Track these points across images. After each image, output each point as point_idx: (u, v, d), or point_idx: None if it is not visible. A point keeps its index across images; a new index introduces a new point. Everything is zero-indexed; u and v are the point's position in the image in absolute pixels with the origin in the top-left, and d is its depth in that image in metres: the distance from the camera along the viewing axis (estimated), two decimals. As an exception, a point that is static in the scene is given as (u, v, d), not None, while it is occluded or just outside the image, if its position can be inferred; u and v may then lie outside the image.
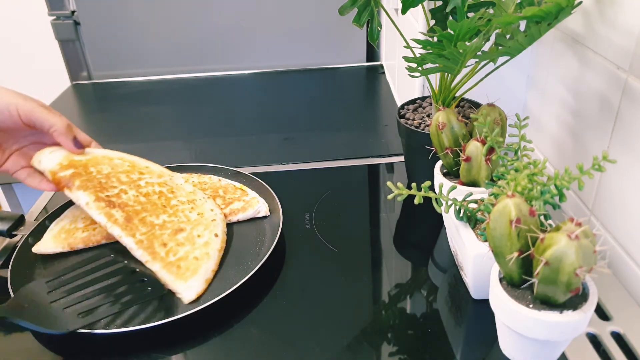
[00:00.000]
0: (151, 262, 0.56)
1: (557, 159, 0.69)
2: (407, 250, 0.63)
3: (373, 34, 0.66)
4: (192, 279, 0.55)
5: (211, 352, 0.50)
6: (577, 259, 0.36)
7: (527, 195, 0.44)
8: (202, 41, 1.25)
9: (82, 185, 0.60)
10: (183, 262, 0.56)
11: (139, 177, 0.64)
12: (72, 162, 0.62)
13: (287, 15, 1.23)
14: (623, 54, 0.52)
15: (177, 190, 0.65)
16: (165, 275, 0.55)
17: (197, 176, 0.74)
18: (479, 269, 0.50)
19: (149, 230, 0.58)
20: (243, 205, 0.67)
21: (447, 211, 0.51)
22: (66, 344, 0.51)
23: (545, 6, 0.47)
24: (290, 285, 0.58)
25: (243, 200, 0.68)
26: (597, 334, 0.49)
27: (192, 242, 0.59)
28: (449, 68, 0.57)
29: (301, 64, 1.29)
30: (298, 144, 0.91)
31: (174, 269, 0.55)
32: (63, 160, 0.62)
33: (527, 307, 0.41)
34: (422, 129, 0.68)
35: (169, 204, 0.62)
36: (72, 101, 1.19)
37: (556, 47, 0.67)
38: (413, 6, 0.61)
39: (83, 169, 0.62)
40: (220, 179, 0.74)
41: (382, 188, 0.78)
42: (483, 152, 0.53)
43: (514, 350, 0.45)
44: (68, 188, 0.60)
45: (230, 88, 1.21)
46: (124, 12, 1.21)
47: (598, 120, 0.58)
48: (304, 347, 0.50)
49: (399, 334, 0.51)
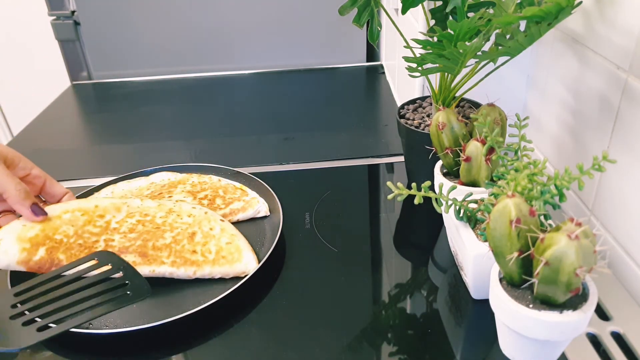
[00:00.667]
0: (200, 270, 0.57)
1: (557, 159, 0.69)
2: (407, 250, 0.63)
3: (373, 34, 0.66)
4: (243, 256, 0.58)
5: (211, 352, 0.50)
6: (577, 259, 0.36)
7: (527, 195, 0.44)
8: (202, 41, 1.25)
9: (68, 257, 0.56)
10: (222, 252, 0.58)
11: (105, 222, 0.60)
12: (32, 239, 0.56)
13: (287, 15, 1.23)
14: (623, 54, 0.52)
15: (146, 210, 0.63)
16: (220, 270, 0.57)
17: (197, 176, 0.74)
18: (479, 269, 0.50)
19: (170, 251, 0.58)
20: (243, 205, 0.67)
21: (447, 211, 0.51)
22: (66, 344, 0.51)
23: (545, 6, 0.47)
24: (290, 285, 0.58)
25: (243, 200, 0.68)
26: (597, 334, 0.49)
27: (212, 236, 0.60)
28: (449, 68, 0.57)
29: (301, 64, 1.29)
30: (298, 144, 0.91)
31: (222, 261, 0.57)
32: (20, 242, 0.55)
33: (527, 307, 0.41)
34: (422, 129, 0.68)
35: (157, 224, 0.61)
36: (72, 101, 1.19)
37: (556, 47, 0.67)
38: (413, 6, 0.61)
39: (49, 240, 0.56)
40: (220, 179, 0.74)
41: (382, 188, 0.78)
42: (483, 152, 0.53)
43: (514, 350, 0.45)
44: (56, 266, 0.55)
45: (230, 88, 1.21)
46: (124, 12, 1.21)
47: (598, 120, 0.58)
48: (303, 347, 0.50)
49: (399, 334, 0.51)
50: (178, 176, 0.74)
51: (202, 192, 0.70)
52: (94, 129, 1.05)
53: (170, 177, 0.74)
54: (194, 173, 0.75)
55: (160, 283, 0.56)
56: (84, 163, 0.90)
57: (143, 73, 1.28)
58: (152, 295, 0.55)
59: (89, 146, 0.97)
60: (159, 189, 0.71)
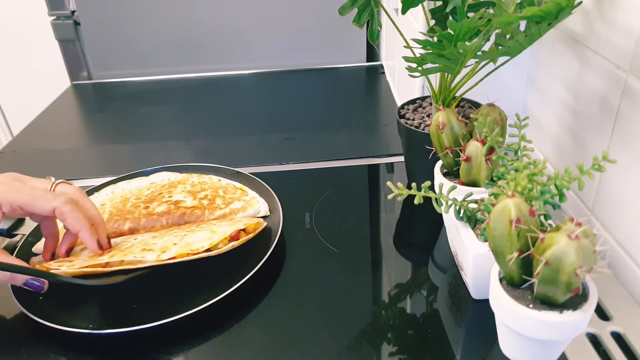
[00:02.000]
0: (218, 226, 0.59)
1: (557, 159, 0.69)
2: (407, 250, 0.63)
3: (373, 34, 0.66)
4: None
5: (211, 352, 0.50)
6: (577, 259, 0.36)
7: (527, 195, 0.44)
8: (202, 41, 1.25)
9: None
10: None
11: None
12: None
13: (287, 15, 1.23)
14: (623, 54, 0.52)
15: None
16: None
17: (197, 176, 0.74)
18: (479, 269, 0.50)
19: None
20: (243, 205, 0.67)
21: (447, 211, 0.51)
22: (66, 344, 0.52)
23: (545, 6, 0.47)
24: (290, 285, 0.58)
25: (243, 200, 0.68)
26: (597, 334, 0.49)
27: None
28: (449, 68, 0.57)
29: (301, 64, 1.29)
30: (298, 144, 0.91)
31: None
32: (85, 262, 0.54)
33: (527, 307, 0.41)
34: (422, 129, 0.68)
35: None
36: (72, 101, 1.19)
37: (556, 47, 0.67)
38: (413, 6, 0.61)
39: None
40: (221, 179, 0.74)
41: (382, 188, 0.78)
42: (483, 152, 0.53)
43: (514, 350, 0.45)
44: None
45: (230, 88, 1.21)
46: (124, 12, 1.21)
47: (598, 120, 0.58)
48: (303, 347, 0.50)
49: (399, 334, 0.51)
50: (178, 176, 0.74)
51: (202, 192, 0.70)
52: (94, 129, 1.05)
53: (170, 177, 0.74)
54: (194, 173, 0.75)
55: (160, 283, 0.56)
56: (84, 163, 0.90)
57: (143, 73, 1.28)
58: (152, 295, 0.56)
59: (89, 146, 0.97)
60: (159, 189, 0.71)
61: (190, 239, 0.56)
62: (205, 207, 0.66)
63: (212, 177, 0.74)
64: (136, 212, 0.65)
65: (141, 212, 0.65)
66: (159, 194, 0.69)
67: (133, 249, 0.54)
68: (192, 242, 0.55)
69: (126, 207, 0.66)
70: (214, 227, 0.59)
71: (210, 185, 0.72)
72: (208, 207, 0.67)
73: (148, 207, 0.66)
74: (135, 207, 0.66)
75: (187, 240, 0.55)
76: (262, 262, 0.57)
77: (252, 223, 0.61)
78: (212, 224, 0.61)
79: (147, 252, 0.53)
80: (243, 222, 0.61)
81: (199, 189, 0.71)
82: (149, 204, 0.67)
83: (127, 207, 0.66)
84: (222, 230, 0.57)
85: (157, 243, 0.55)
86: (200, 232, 0.57)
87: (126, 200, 0.68)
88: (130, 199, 0.69)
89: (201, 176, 0.75)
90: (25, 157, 0.91)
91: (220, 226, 0.59)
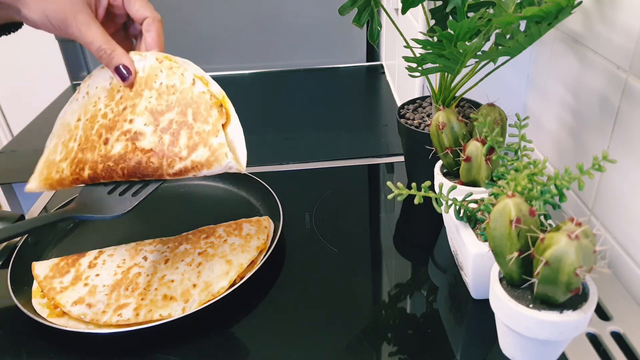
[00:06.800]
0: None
1: (557, 159, 0.69)
2: (407, 250, 0.63)
3: (373, 34, 0.66)
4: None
5: (211, 352, 0.50)
6: (577, 259, 0.36)
7: (527, 195, 0.44)
8: (202, 41, 1.25)
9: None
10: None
11: None
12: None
13: (287, 15, 1.23)
14: (623, 54, 0.52)
15: None
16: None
17: (167, 69, 0.58)
18: (479, 269, 0.50)
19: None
20: (208, 157, 0.53)
21: (447, 211, 0.51)
22: (67, 344, 0.52)
23: (545, 6, 0.47)
24: (290, 285, 0.58)
25: (210, 145, 0.53)
26: (597, 334, 0.49)
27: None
28: (449, 68, 0.57)
29: (301, 64, 1.29)
30: (298, 144, 0.91)
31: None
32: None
33: (527, 307, 0.41)
34: (422, 129, 0.68)
35: None
36: (72, 101, 1.19)
37: (556, 47, 0.67)
38: (413, 6, 0.61)
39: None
40: (195, 81, 0.57)
41: (382, 188, 0.78)
42: (483, 152, 0.53)
43: (514, 350, 0.45)
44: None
45: (230, 88, 1.20)
46: (124, 12, 1.20)
47: (598, 120, 0.58)
48: (303, 347, 0.50)
49: (399, 334, 0.51)
50: (147, 63, 0.59)
51: (167, 112, 0.55)
52: (94, 129, 1.05)
53: (140, 65, 0.60)
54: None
55: (160, 283, 0.56)
56: (84, 163, 0.90)
57: (143, 73, 1.27)
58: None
59: (89, 146, 0.97)
60: (126, 97, 0.58)
61: (207, 276, 0.57)
62: (164, 154, 0.53)
63: (184, 77, 0.57)
64: (95, 151, 0.57)
65: (100, 151, 0.56)
66: (123, 110, 0.57)
67: (155, 299, 0.55)
68: (211, 282, 0.56)
69: (91, 135, 0.58)
70: (229, 255, 0.59)
71: (179, 97, 0.56)
72: (167, 150, 0.53)
73: (107, 140, 0.56)
74: (98, 136, 0.57)
75: (204, 278, 0.56)
76: (262, 262, 0.57)
77: (261, 243, 0.62)
78: (223, 242, 0.61)
79: (169, 301, 0.54)
80: (255, 245, 0.61)
81: (164, 106, 0.55)
82: (110, 135, 0.56)
83: (92, 134, 0.58)
84: (238, 261, 0.58)
85: (177, 287, 0.56)
86: (216, 264, 0.58)
87: (94, 118, 0.59)
88: (97, 116, 0.59)
89: (171, 72, 0.58)
90: (25, 157, 0.91)
91: (234, 250, 0.60)
